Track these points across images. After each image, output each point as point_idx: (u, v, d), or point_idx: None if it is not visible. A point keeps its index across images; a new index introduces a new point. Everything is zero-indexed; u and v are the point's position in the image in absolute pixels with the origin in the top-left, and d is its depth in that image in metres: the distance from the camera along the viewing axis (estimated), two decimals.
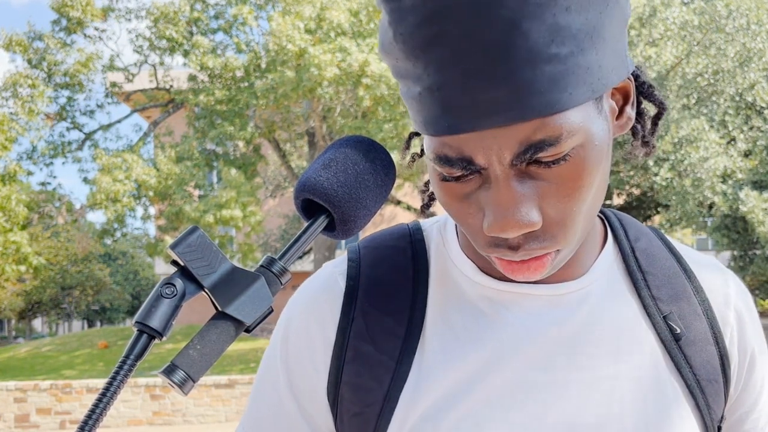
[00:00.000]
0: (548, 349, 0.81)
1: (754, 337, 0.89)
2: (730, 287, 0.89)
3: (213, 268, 0.67)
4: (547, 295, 0.83)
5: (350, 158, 0.74)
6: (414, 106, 0.71)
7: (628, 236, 0.88)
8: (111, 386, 0.61)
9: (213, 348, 0.66)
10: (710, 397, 0.83)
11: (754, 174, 16.68)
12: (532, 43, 0.64)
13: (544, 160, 0.68)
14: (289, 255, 0.71)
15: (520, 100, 0.65)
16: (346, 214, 0.72)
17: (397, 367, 0.82)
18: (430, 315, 0.84)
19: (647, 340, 0.83)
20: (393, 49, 0.70)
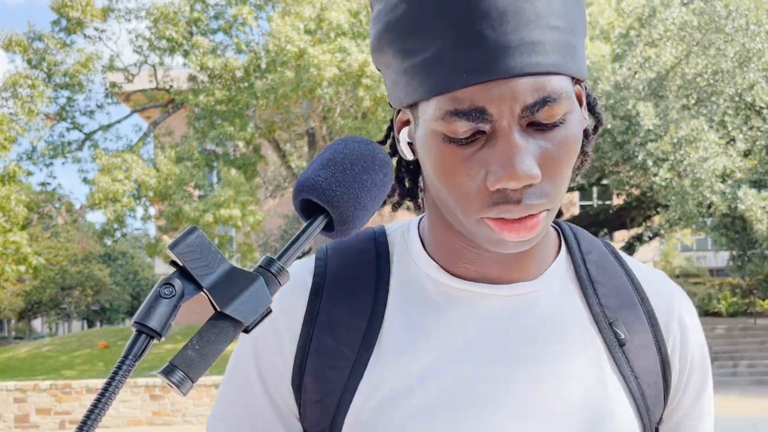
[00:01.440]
0: (500, 346, 0.86)
1: (695, 349, 0.94)
2: (674, 300, 0.94)
3: (212, 269, 0.68)
4: (503, 295, 0.88)
5: (348, 158, 0.74)
6: (421, 74, 0.77)
7: (581, 247, 0.94)
8: (110, 386, 0.62)
9: (212, 348, 0.66)
10: (650, 399, 0.89)
11: (753, 173, 16.69)
12: (538, 10, 0.75)
13: (543, 121, 0.76)
14: (287, 255, 0.71)
15: (531, 55, 0.74)
16: (344, 214, 0.73)
17: (356, 359, 0.86)
18: (389, 311, 0.88)
19: (593, 343, 0.88)
20: (401, 25, 0.77)
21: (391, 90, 0.84)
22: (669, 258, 29.35)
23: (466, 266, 0.88)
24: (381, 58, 0.83)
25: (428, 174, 0.83)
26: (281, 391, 0.90)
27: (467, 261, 0.87)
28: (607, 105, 16.91)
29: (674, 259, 29.52)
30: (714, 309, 25.31)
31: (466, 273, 0.88)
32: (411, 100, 0.80)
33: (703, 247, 32.54)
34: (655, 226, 22.00)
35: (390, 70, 0.82)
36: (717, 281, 29.28)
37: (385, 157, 0.76)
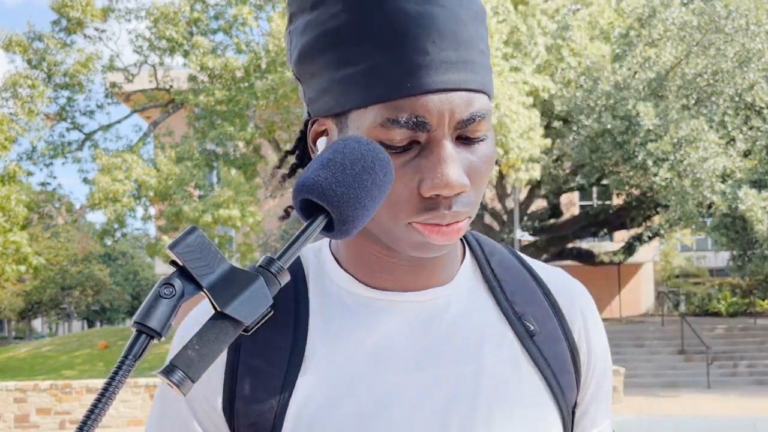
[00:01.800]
0: (420, 350, 0.91)
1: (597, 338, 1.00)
2: (575, 293, 1.01)
3: (211, 268, 0.68)
4: (417, 301, 0.92)
5: (349, 158, 0.74)
6: (360, 83, 0.81)
7: (484, 251, 1.00)
8: (110, 386, 0.62)
9: (211, 348, 0.66)
10: (564, 385, 0.94)
11: (753, 173, 16.68)
12: (470, 34, 0.82)
13: (470, 135, 0.82)
14: (287, 255, 0.71)
15: (467, 72, 0.81)
16: (344, 214, 0.73)
17: (286, 377, 0.89)
18: (312, 327, 0.92)
19: (506, 338, 0.94)
20: (341, 34, 0.81)
21: (316, 100, 0.86)
22: (669, 258, 29.35)
23: (382, 276, 0.91)
24: (307, 67, 0.85)
25: None
26: (213, 418, 0.91)
27: (382, 271, 0.91)
28: (607, 105, 16.91)
29: (674, 259, 29.51)
30: (714, 309, 25.31)
31: (382, 283, 0.92)
32: (344, 108, 0.83)
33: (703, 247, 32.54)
34: (655, 226, 22.01)
35: (319, 79, 0.84)
36: (717, 281, 29.28)
37: (385, 157, 0.76)
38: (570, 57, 17.57)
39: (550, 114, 18.33)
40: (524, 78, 16.23)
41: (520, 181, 16.15)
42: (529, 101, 15.83)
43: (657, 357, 18.90)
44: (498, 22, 16.24)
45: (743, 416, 12.46)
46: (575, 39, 17.46)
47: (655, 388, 16.61)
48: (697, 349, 18.31)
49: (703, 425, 11.98)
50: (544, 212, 22.66)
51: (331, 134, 0.87)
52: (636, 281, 29.20)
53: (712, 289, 28.42)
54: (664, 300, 25.61)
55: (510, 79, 15.56)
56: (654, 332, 20.72)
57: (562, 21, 17.94)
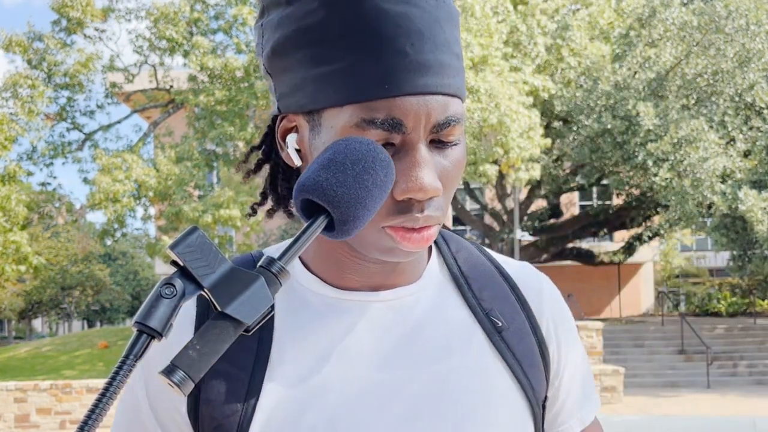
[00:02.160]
0: (388, 349, 0.91)
1: (567, 326, 1.01)
2: (543, 285, 1.01)
3: (212, 268, 0.68)
4: (384, 301, 0.92)
5: (349, 158, 0.74)
6: (336, 81, 0.80)
7: (450, 248, 1.00)
8: (111, 386, 0.62)
9: (212, 348, 0.66)
10: (533, 379, 0.94)
11: (753, 174, 16.68)
12: (446, 37, 0.82)
13: (444, 139, 0.82)
14: (288, 255, 0.71)
15: (443, 76, 0.81)
16: (345, 214, 0.73)
17: (251, 379, 0.88)
18: (278, 329, 0.91)
19: (474, 334, 0.94)
20: (317, 32, 0.80)
21: (287, 95, 0.85)
22: (669, 258, 29.34)
23: (350, 276, 0.90)
24: (280, 62, 0.84)
25: None
26: (177, 422, 0.91)
27: (350, 271, 0.90)
28: (607, 105, 16.91)
29: (674, 259, 29.51)
30: (714, 309, 25.30)
31: (350, 283, 0.91)
32: (317, 106, 0.82)
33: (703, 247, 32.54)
34: (655, 226, 22.00)
35: (291, 75, 0.83)
36: (717, 281, 29.27)
37: (385, 157, 0.76)
38: (570, 57, 17.57)
39: (550, 114, 18.33)
40: (524, 78, 16.23)
41: (520, 181, 16.14)
42: (529, 101, 15.83)
43: (657, 357, 18.89)
44: (498, 22, 16.24)
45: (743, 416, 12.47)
46: (575, 39, 17.46)
47: (655, 388, 16.61)
48: (697, 349, 18.31)
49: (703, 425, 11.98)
50: (544, 212, 22.66)
51: (301, 131, 0.86)
52: (636, 281, 29.20)
53: (712, 289, 28.41)
54: (664, 300, 25.61)
55: (510, 79, 15.56)
56: (654, 332, 20.71)
57: (562, 21, 17.94)
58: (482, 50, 15.22)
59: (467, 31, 15.13)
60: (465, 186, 21.82)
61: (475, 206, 24.74)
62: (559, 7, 18.46)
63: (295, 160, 0.87)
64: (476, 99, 14.71)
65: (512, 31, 17.05)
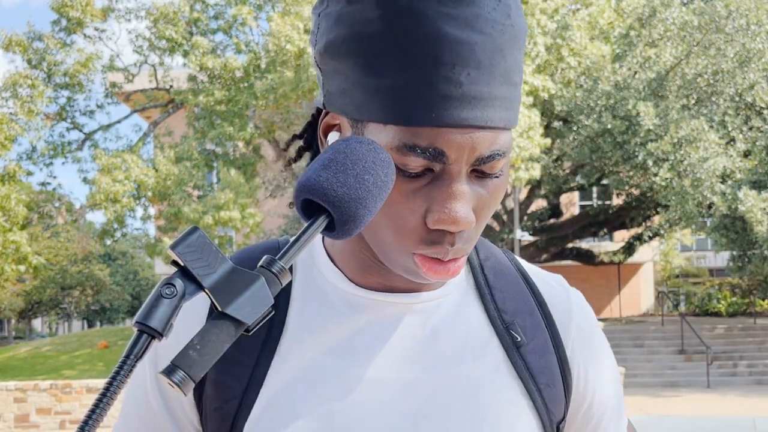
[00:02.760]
0: (399, 351, 0.89)
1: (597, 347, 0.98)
2: (572, 302, 0.97)
3: (213, 268, 0.68)
4: (404, 303, 0.90)
5: (350, 158, 0.73)
6: (384, 98, 0.77)
7: (479, 255, 0.97)
8: (111, 386, 0.62)
9: (213, 348, 0.66)
10: (548, 400, 0.91)
11: (753, 174, 16.67)
12: (507, 66, 0.78)
13: (488, 171, 0.80)
14: (288, 255, 0.71)
15: (495, 109, 0.78)
16: (345, 214, 0.72)
17: (255, 366, 0.88)
18: (291, 319, 0.90)
19: (491, 347, 0.91)
20: (373, 42, 0.77)
21: (335, 95, 0.83)
22: (669, 258, 29.35)
23: (371, 277, 0.89)
24: (332, 62, 0.82)
25: None
26: (182, 404, 0.91)
27: (373, 273, 0.89)
28: (608, 105, 16.91)
29: (674, 259, 29.51)
30: (714, 309, 25.30)
31: (371, 283, 0.90)
32: (362, 117, 0.80)
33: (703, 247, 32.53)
34: (655, 226, 22.01)
35: (341, 77, 0.81)
36: (717, 281, 29.28)
37: (386, 158, 0.75)
38: (570, 57, 17.57)
39: (550, 114, 18.33)
40: (524, 78, 16.23)
41: (520, 180, 16.15)
42: (529, 101, 15.84)
43: (657, 357, 18.90)
44: None
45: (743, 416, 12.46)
46: (575, 39, 17.46)
47: (655, 388, 16.61)
48: (697, 349, 18.31)
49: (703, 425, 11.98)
50: (544, 212, 22.66)
51: (343, 132, 0.84)
52: (636, 281, 29.21)
53: (712, 289, 28.42)
54: (664, 300, 25.61)
55: None
56: (654, 332, 20.71)
57: (562, 21, 17.94)
58: None
59: None
60: None
61: None
62: (559, 7, 18.46)
63: None
64: None
65: None
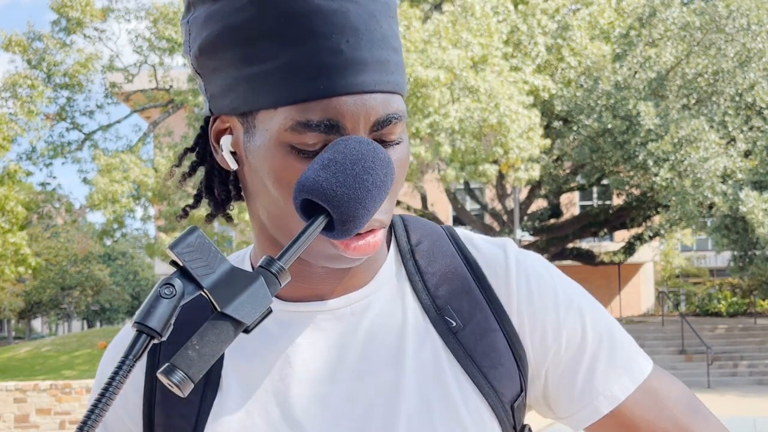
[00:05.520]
0: (334, 361, 0.87)
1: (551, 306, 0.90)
2: (510, 268, 0.91)
3: (212, 269, 0.68)
4: (333, 309, 0.87)
5: (349, 159, 0.73)
6: (268, 82, 0.76)
7: (410, 240, 0.92)
8: (110, 386, 0.62)
9: (212, 348, 0.66)
10: (495, 380, 0.87)
11: (754, 174, 16.67)
12: (383, 32, 0.79)
13: (386, 139, 0.79)
14: (288, 255, 0.71)
15: (381, 73, 0.78)
16: (345, 214, 0.72)
17: (201, 402, 0.87)
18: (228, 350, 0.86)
19: (428, 337, 0.88)
20: (247, 30, 0.76)
21: (220, 97, 0.81)
22: (669, 258, 29.34)
23: (297, 284, 0.86)
24: (209, 62, 0.80)
25: (263, 187, 0.81)
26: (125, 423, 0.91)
27: (297, 278, 0.85)
28: (608, 105, 16.91)
29: (674, 259, 29.51)
30: (714, 309, 25.29)
31: (298, 292, 0.87)
32: (250, 108, 0.78)
33: (704, 247, 32.53)
34: (655, 226, 22.00)
35: (222, 74, 0.79)
36: (717, 281, 29.27)
37: (385, 157, 0.75)
38: (570, 57, 17.57)
39: (550, 114, 18.33)
40: (524, 78, 16.23)
41: (520, 181, 16.14)
42: (529, 101, 15.83)
43: (657, 357, 18.89)
44: (498, 22, 16.24)
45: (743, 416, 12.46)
46: (575, 39, 17.46)
47: None
48: (698, 349, 18.31)
49: None
50: (544, 212, 22.66)
51: (236, 133, 0.82)
52: (636, 281, 29.20)
53: (713, 289, 28.41)
54: (665, 300, 25.61)
55: (510, 79, 15.56)
56: (654, 332, 20.71)
57: (562, 21, 17.94)
58: (482, 50, 15.22)
59: (467, 30, 15.13)
60: (465, 186, 21.82)
61: (475, 206, 24.74)
62: (560, 7, 18.46)
63: (231, 164, 0.83)
64: (476, 99, 14.71)
65: (512, 31, 17.05)
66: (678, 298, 29.81)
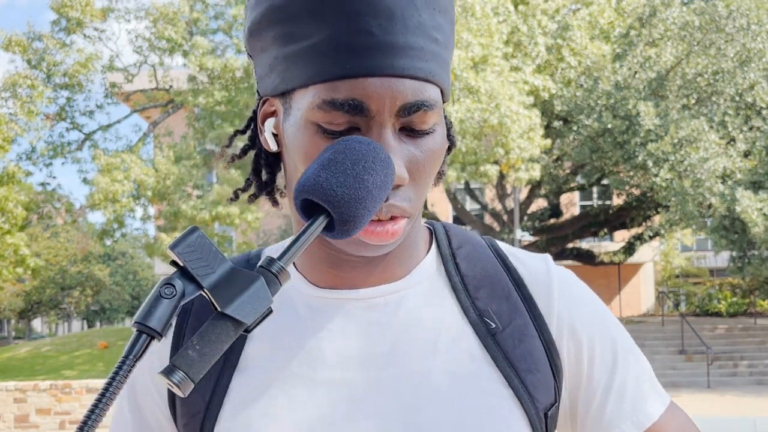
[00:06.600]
0: (363, 349, 0.87)
1: (588, 323, 0.92)
2: (552, 280, 0.92)
3: (212, 269, 0.68)
4: (365, 298, 0.88)
5: (349, 159, 0.73)
6: (302, 60, 0.78)
7: (451, 244, 0.94)
8: (110, 386, 0.62)
9: (212, 348, 0.66)
10: (531, 386, 0.87)
11: (753, 174, 16.67)
12: (422, 19, 0.78)
13: (415, 127, 0.79)
14: (288, 255, 0.71)
15: (414, 59, 0.77)
16: (345, 214, 0.72)
17: (218, 378, 0.88)
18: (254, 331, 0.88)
19: (464, 337, 0.88)
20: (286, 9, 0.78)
21: (264, 77, 0.84)
22: (669, 258, 29.34)
23: (331, 273, 0.88)
24: (257, 42, 0.83)
25: (296, 167, 0.83)
26: (160, 420, 0.93)
27: (331, 267, 0.87)
28: (608, 105, 16.91)
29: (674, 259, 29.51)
30: (714, 309, 25.30)
31: (332, 281, 0.88)
32: (287, 87, 0.80)
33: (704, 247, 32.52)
34: (655, 226, 22.00)
35: (266, 55, 0.82)
36: (717, 281, 29.26)
37: (386, 158, 0.75)
38: (570, 57, 17.57)
39: (550, 114, 18.33)
40: (524, 78, 16.23)
41: (520, 181, 16.15)
42: (530, 101, 15.83)
43: (657, 357, 18.89)
44: (498, 22, 16.24)
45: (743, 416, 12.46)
46: (575, 39, 17.46)
47: None
48: (698, 349, 18.31)
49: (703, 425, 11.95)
50: (544, 212, 22.66)
51: (278, 115, 0.84)
52: (636, 281, 29.20)
53: (713, 289, 28.41)
54: (665, 300, 25.61)
55: (510, 79, 15.56)
56: (654, 332, 20.71)
57: (563, 21, 17.94)
58: (482, 50, 15.23)
59: (468, 30, 15.13)
60: (465, 186, 21.82)
61: (475, 206, 24.74)
62: (560, 7, 18.47)
63: (271, 145, 0.86)
64: (477, 99, 14.71)
65: (513, 31, 17.06)
66: (678, 298, 29.81)
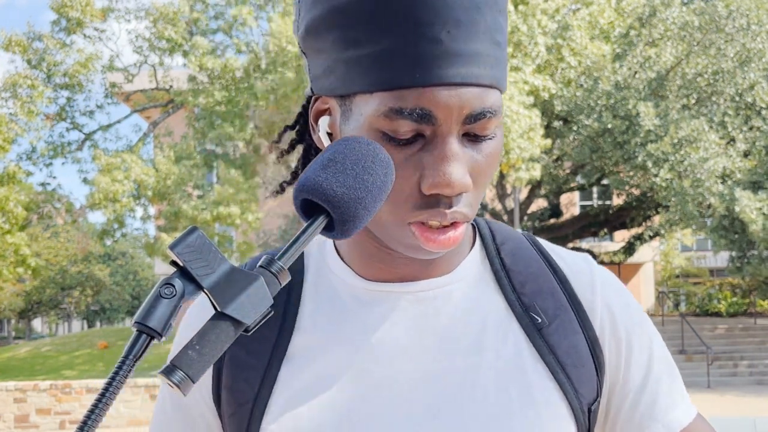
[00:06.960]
0: (413, 342, 0.88)
1: (629, 322, 0.94)
2: (595, 278, 0.94)
3: (212, 269, 0.68)
4: (414, 292, 0.89)
5: (349, 159, 0.73)
6: (366, 66, 0.77)
7: (495, 240, 0.95)
8: (110, 386, 0.62)
9: (212, 348, 0.66)
10: (576, 381, 0.89)
11: (753, 174, 16.67)
12: (487, 25, 0.78)
13: (478, 133, 0.79)
14: (288, 255, 0.71)
15: (479, 66, 0.77)
16: (345, 214, 0.72)
17: (267, 368, 0.89)
18: (302, 320, 0.91)
19: (511, 331, 0.89)
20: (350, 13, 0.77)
21: (321, 77, 0.83)
22: (669, 258, 29.34)
23: (379, 266, 0.89)
24: (314, 42, 0.82)
25: None
26: (203, 412, 0.93)
27: (380, 261, 0.88)
28: (608, 105, 16.91)
29: (674, 259, 29.52)
30: (714, 309, 25.31)
31: (379, 274, 0.90)
32: (348, 91, 0.80)
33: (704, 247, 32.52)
34: (655, 226, 22.01)
35: (324, 55, 0.82)
36: (717, 281, 29.27)
37: (385, 157, 0.75)
38: (570, 57, 17.57)
39: (550, 114, 18.33)
40: (524, 78, 16.23)
41: (520, 181, 16.15)
42: (530, 101, 15.84)
43: None
44: None
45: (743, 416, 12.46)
46: (575, 39, 17.46)
47: None
48: (698, 349, 18.31)
49: None
50: (544, 212, 22.67)
51: (334, 114, 0.84)
52: (636, 281, 29.20)
53: (713, 289, 28.42)
54: (665, 300, 25.61)
55: (510, 79, 15.56)
56: None
57: (563, 21, 17.94)
58: None
59: None
60: None
61: None
62: (560, 7, 18.46)
63: (325, 144, 0.86)
64: None
65: (513, 31, 17.05)
66: (678, 298, 29.81)
